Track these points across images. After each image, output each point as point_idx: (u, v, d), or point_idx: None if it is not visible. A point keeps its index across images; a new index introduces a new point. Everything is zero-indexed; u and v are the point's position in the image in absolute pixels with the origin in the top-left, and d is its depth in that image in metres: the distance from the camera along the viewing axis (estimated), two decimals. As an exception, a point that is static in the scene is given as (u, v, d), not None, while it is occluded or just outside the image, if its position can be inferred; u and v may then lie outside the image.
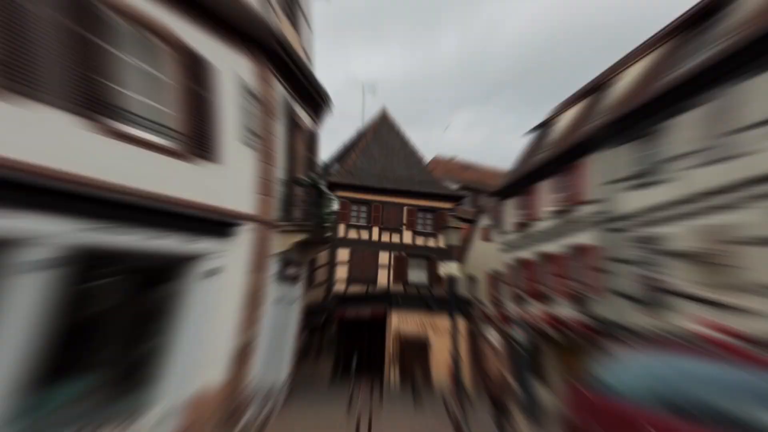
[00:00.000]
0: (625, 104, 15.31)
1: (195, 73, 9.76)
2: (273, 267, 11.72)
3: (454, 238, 12.92)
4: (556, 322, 17.93)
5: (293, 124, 12.82)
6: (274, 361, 12.28)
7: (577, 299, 16.70)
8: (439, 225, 26.89)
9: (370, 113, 45.64)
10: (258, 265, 10.96)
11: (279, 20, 11.66)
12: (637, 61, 17.22)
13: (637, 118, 14.68)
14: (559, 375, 18.33)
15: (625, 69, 17.90)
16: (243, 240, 10.68)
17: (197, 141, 9.57)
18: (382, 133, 30.65)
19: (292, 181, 12.32)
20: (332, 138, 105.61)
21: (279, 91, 11.91)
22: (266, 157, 11.17)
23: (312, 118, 14.21)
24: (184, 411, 8.96)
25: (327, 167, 30.71)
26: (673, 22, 15.84)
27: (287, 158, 12.55)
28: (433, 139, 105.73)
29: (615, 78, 18.32)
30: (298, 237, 12.10)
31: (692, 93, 12.90)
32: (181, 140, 9.30)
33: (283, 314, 12.85)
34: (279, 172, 11.69)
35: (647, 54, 16.76)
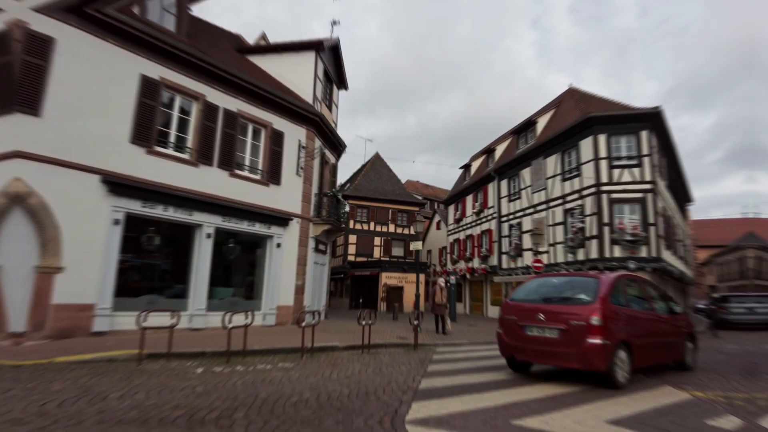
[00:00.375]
0: (499, 163, 22.36)
1: (275, 140, 11.30)
2: (311, 244, 12.66)
3: (419, 228, 13.16)
4: (471, 270, 23.73)
5: (323, 160, 14.23)
6: (317, 296, 13.75)
7: (483, 257, 22.82)
8: (410, 220, 29.75)
9: (369, 153, 48.88)
10: (303, 242, 12.20)
11: (320, 106, 13.39)
12: (499, 144, 24.27)
13: (505, 170, 21.38)
14: (469, 297, 24.01)
15: (496, 146, 24.57)
16: (294, 228, 11.90)
17: (272, 175, 11.24)
18: (376, 166, 33.35)
19: (322, 194, 13.47)
20: (347, 168, 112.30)
21: (318, 143, 13.18)
22: (307, 180, 12.53)
23: (334, 157, 15.80)
24: (276, 312, 11.03)
25: (343, 185, 31.73)
26: (511, 129, 23.20)
27: (319, 181, 13.63)
28: (406, 169, 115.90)
29: (496, 148, 24.65)
30: (325, 227, 13.05)
31: (524, 161, 19.83)
32: (264, 175, 11.07)
33: (319, 271, 13.95)
34: (314, 189, 13.02)
35: (503, 142, 23.88)
